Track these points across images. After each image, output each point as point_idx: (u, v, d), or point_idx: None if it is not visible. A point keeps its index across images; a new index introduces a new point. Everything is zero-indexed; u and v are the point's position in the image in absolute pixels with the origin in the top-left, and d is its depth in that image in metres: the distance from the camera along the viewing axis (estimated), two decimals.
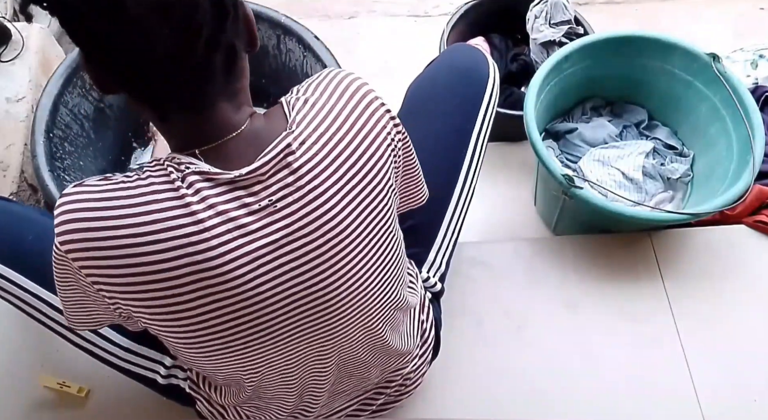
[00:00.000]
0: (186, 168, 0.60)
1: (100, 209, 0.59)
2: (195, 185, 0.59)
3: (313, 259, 0.64)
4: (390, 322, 0.78)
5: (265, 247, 0.62)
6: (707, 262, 1.20)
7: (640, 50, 1.30)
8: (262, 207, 0.61)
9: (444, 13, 1.86)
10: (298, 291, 0.65)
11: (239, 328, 0.65)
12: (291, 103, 0.64)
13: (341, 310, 0.69)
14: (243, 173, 0.60)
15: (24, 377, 1.08)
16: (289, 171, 0.61)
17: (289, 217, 0.62)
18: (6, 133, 1.37)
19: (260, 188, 0.61)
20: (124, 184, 0.60)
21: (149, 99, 0.59)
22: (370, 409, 0.94)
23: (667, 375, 1.08)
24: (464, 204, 0.96)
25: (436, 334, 0.97)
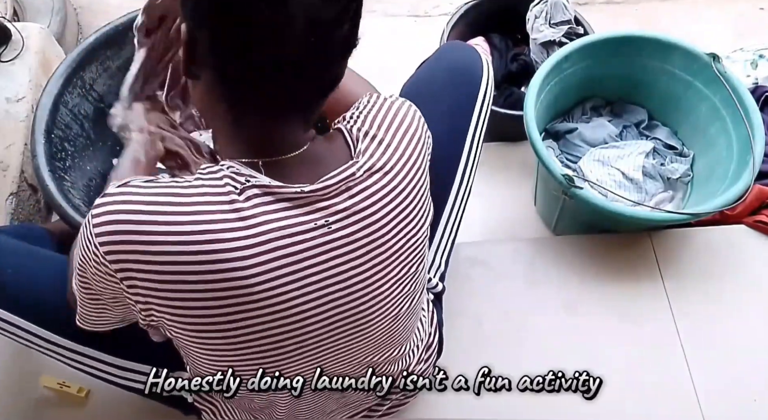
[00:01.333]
0: (246, 180, 0.59)
1: (148, 213, 0.57)
2: (253, 199, 0.59)
3: (356, 283, 0.65)
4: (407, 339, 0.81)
5: (314, 266, 0.62)
6: (707, 262, 1.20)
7: (640, 50, 1.30)
8: (317, 226, 0.61)
9: (444, 13, 1.85)
10: (338, 312, 0.66)
11: (275, 346, 0.66)
12: (353, 134, 0.66)
13: (372, 333, 0.71)
14: (306, 190, 0.60)
15: (24, 377, 1.08)
16: (348, 195, 0.62)
17: (341, 240, 0.63)
18: (6, 133, 1.37)
19: (318, 207, 0.61)
20: (175, 188, 0.59)
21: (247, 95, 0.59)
22: (377, 414, 0.95)
23: (667, 375, 1.08)
24: (461, 203, 0.96)
25: (439, 336, 0.97)
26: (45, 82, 1.25)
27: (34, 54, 1.46)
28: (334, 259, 0.63)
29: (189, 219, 0.57)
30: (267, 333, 0.64)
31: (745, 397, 1.06)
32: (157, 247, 0.57)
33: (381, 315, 0.70)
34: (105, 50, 1.29)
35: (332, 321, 0.67)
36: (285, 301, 0.62)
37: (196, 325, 0.62)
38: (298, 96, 0.60)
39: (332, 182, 0.61)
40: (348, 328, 0.69)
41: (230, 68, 0.57)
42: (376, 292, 0.67)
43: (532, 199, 1.42)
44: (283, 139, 0.62)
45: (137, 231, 0.57)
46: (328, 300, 0.65)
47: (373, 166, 0.64)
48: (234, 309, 0.61)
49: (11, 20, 1.52)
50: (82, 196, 1.20)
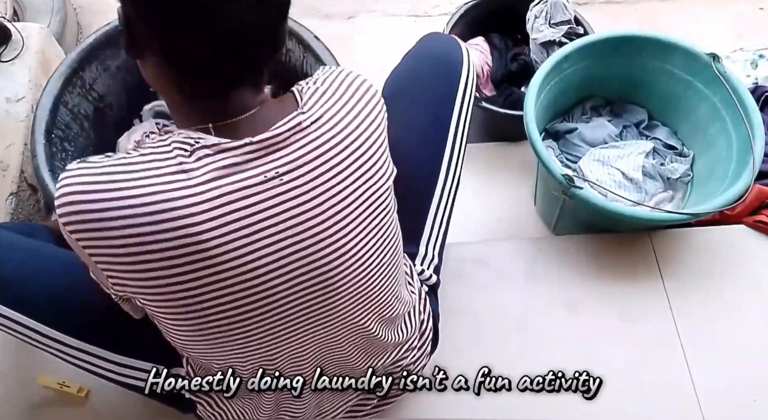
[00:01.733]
0: (196, 142, 0.61)
1: (98, 183, 0.59)
2: (203, 159, 0.60)
3: (314, 234, 0.65)
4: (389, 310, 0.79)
5: (268, 219, 0.63)
6: (707, 262, 1.20)
7: (640, 50, 1.30)
8: (268, 179, 0.62)
9: (444, 13, 1.86)
10: (298, 265, 0.66)
11: (235, 304, 0.65)
12: (302, 91, 0.67)
13: (341, 288, 0.70)
14: (254, 141, 0.61)
15: (24, 377, 1.08)
16: (298, 146, 0.63)
17: (295, 191, 0.63)
18: (6, 133, 1.37)
19: (268, 160, 0.62)
20: (125, 159, 0.61)
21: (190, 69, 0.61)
22: (372, 403, 0.94)
23: (667, 375, 1.08)
24: (450, 193, 0.95)
25: (434, 327, 0.96)
26: (45, 82, 1.25)
27: (34, 54, 1.46)
28: (288, 211, 0.63)
29: (138, 184, 0.59)
30: (224, 292, 0.64)
31: (745, 397, 1.06)
32: (110, 213, 0.59)
33: (346, 268, 0.69)
34: (105, 50, 1.30)
35: (294, 275, 0.66)
36: (241, 256, 0.62)
37: (158, 289, 0.63)
38: (239, 64, 0.62)
39: (279, 131, 0.62)
40: (313, 282, 0.67)
41: (168, 46, 0.59)
42: (338, 243, 0.67)
43: (532, 199, 1.43)
44: (231, 105, 0.63)
45: (90, 206, 0.59)
46: (287, 253, 0.64)
47: (322, 116, 0.65)
48: (192, 267, 0.61)
49: (11, 20, 1.52)
50: None
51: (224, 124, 0.63)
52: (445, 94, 0.93)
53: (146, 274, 0.62)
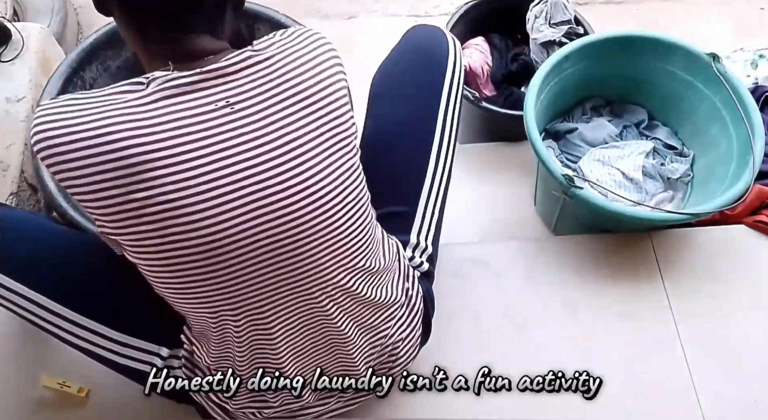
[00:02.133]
0: (152, 75, 0.64)
1: (61, 117, 0.62)
2: (156, 91, 0.63)
3: (271, 165, 0.65)
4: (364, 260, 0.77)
5: (218, 145, 0.64)
6: (707, 262, 1.20)
7: (640, 50, 1.30)
8: (218, 107, 0.64)
9: (444, 13, 1.86)
10: (256, 198, 0.66)
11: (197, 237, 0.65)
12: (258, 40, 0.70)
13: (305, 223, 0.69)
14: (203, 70, 0.63)
15: (24, 377, 1.08)
16: (249, 78, 0.65)
17: (245, 119, 0.65)
18: (6, 133, 1.37)
19: (219, 90, 0.64)
20: (88, 93, 0.64)
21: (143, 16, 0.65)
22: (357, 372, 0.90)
23: (667, 375, 1.08)
24: (440, 184, 0.94)
25: (425, 309, 0.94)
26: (45, 82, 1.25)
27: (34, 54, 1.46)
28: (239, 138, 0.64)
29: (97, 114, 0.62)
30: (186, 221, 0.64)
31: (745, 397, 1.06)
32: (73, 145, 0.61)
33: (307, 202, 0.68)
34: (105, 50, 1.30)
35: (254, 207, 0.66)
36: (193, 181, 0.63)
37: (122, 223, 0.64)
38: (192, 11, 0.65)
39: (229, 62, 0.65)
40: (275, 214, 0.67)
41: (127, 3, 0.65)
42: (298, 178, 0.67)
43: (532, 199, 1.43)
44: (188, 49, 0.66)
45: (55, 137, 0.61)
46: (243, 183, 0.65)
47: (275, 56, 0.67)
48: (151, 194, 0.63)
49: (11, 20, 1.52)
50: None
51: (182, 65, 0.65)
52: (430, 85, 0.92)
53: (106, 203, 0.63)
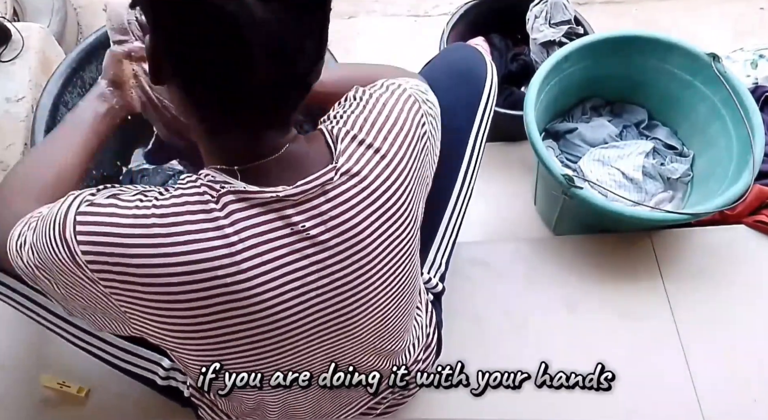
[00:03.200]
0: (221, 187, 0.59)
1: (131, 230, 0.58)
2: (228, 206, 0.59)
3: (338, 286, 0.65)
4: (399, 339, 0.80)
5: (293, 271, 0.62)
6: (707, 262, 1.20)
7: (640, 50, 1.30)
8: (293, 231, 0.61)
9: (444, 13, 1.86)
10: (321, 317, 0.66)
11: (258, 351, 0.66)
12: (333, 134, 0.64)
13: (359, 335, 0.71)
14: (281, 195, 0.60)
15: (24, 377, 1.08)
16: (325, 199, 0.62)
17: (319, 245, 0.62)
18: (6, 133, 1.37)
19: (294, 212, 0.61)
20: (157, 205, 0.59)
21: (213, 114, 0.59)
22: (374, 413, 0.94)
23: (667, 375, 1.08)
24: (463, 204, 0.96)
25: (438, 336, 0.97)
26: (45, 82, 1.25)
27: (34, 54, 1.46)
28: (312, 265, 0.63)
29: (170, 231, 0.58)
30: (249, 339, 0.64)
31: (745, 397, 1.06)
32: (140, 259, 0.58)
33: (366, 318, 0.70)
34: (105, 50, 1.29)
35: (314, 323, 0.67)
36: (267, 308, 0.62)
37: (182, 335, 0.63)
38: (266, 112, 0.59)
39: (309, 187, 0.60)
40: (332, 330, 0.69)
41: (195, 89, 0.57)
42: (358, 295, 0.67)
43: (532, 199, 1.43)
44: (257, 147, 0.61)
45: (122, 249, 0.58)
46: (308, 304, 0.65)
47: (351, 169, 0.63)
48: (219, 316, 0.62)
49: (11, 20, 1.52)
50: None
51: (249, 166, 0.60)
52: (466, 107, 0.93)
53: (171, 317, 0.61)
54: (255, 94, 0.56)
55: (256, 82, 0.54)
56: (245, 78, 0.54)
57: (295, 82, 0.58)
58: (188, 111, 0.61)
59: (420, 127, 0.69)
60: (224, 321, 0.62)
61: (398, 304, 0.74)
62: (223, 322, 0.62)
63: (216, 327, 0.63)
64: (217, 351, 0.66)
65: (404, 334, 0.82)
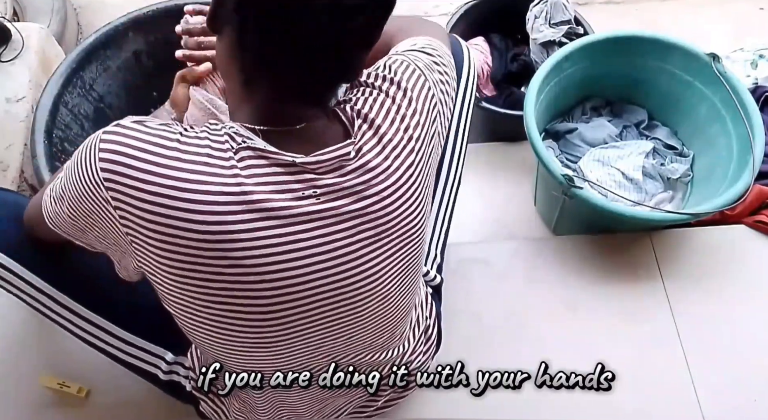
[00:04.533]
0: (243, 141, 0.60)
1: (152, 153, 0.59)
2: (246, 160, 0.60)
3: (344, 255, 0.65)
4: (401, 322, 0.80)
5: (300, 233, 0.63)
6: (707, 262, 1.20)
7: (640, 50, 1.30)
8: (305, 196, 0.62)
9: (444, 13, 1.85)
10: (323, 283, 0.66)
11: (253, 308, 0.65)
12: (349, 114, 0.66)
13: (362, 312, 0.71)
14: (298, 162, 0.61)
15: (24, 377, 1.08)
16: (339, 173, 0.63)
17: (329, 212, 0.63)
18: (6, 133, 1.37)
19: (308, 178, 0.62)
20: (182, 136, 0.60)
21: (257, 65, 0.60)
22: (375, 404, 0.94)
23: (667, 375, 1.08)
24: (451, 193, 0.96)
25: (438, 328, 0.97)
26: (45, 82, 1.25)
27: (34, 54, 1.46)
28: (320, 229, 0.63)
29: (187, 167, 0.59)
30: (248, 294, 0.64)
31: (745, 397, 1.06)
32: (153, 187, 0.58)
33: (371, 291, 0.69)
34: (105, 50, 1.30)
35: (319, 289, 0.66)
36: (268, 265, 0.62)
37: (178, 272, 0.63)
38: (306, 80, 0.61)
39: (325, 158, 0.62)
40: (336, 299, 0.68)
41: (247, 35, 0.59)
42: (365, 267, 0.67)
43: (532, 199, 1.42)
44: (285, 113, 0.63)
45: (138, 168, 0.58)
46: (314, 269, 0.65)
47: (365, 146, 0.65)
48: (219, 262, 0.61)
49: (11, 20, 1.52)
50: None
51: (272, 130, 0.62)
52: None
53: (175, 257, 0.61)
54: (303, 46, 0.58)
55: (310, 32, 0.57)
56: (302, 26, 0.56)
57: (343, 51, 0.60)
58: (233, 58, 0.62)
59: (431, 110, 0.71)
60: (222, 271, 0.62)
61: (402, 285, 0.73)
62: (222, 271, 0.62)
63: (213, 276, 0.62)
64: (214, 306, 0.65)
65: (406, 318, 0.81)
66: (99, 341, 0.89)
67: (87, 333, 0.88)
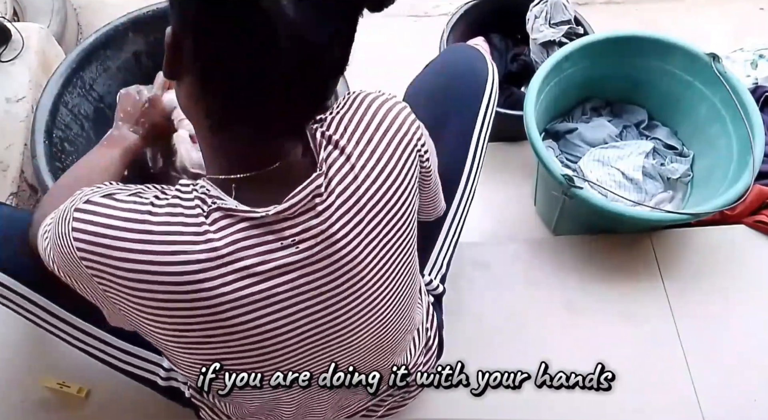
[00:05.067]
0: (213, 202, 0.59)
1: (125, 231, 0.58)
2: (219, 222, 0.59)
3: (329, 298, 0.65)
4: (398, 344, 0.80)
5: (284, 285, 0.62)
6: (707, 262, 1.20)
7: (640, 50, 1.30)
8: (284, 246, 0.61)
9: (444, 13, 1.86)
10: (313, 328, 0.66)
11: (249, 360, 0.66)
12: (317, 140, 0.63)
13: (356, 342, 0.71)
14: (270, 213, 0.59)
15: (24, 377, 1.08)
16: (314, 213, 0.61)
17: (309, 259, 0.62)
18: (6, 133, 1.37)
19: (284, 227, 0.60)
20: (152, 211, 0.59)
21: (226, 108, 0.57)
22: (375, 414, 0.94)
23: (667, 375, 1.08)
24: (465, 205, 0.96)
25: (439, 339, 0.97)
26: (45, 82, 1.25)
27: (34, 54, 1.46)
28: (303, 278, 0.62)
29: (158, 239, 0.58)
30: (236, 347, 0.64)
31: (745, 397, 1.06)
32: (129, 264, 0.58)
33: (361, 325, 0.69)
34: (105, 50, 1.29)
35: (306, 335, 0.66)
36: (253, 318, 0.62)
37: (171, 335, 0.63)
38: (280, 114, 0.58)
39: (296, 201, 0.59)
40: (325, 341, 0.68)
41: (211, 80, 0.56)
42: (351, 304, 0.66)
43: (532, 199, 1.42)
44: (257, 155, 0.60)
45: (112, 246, 0.58)
46: (300, 318, 0.64)
47: (335, 180, 0.62)
48: (204, 326, 0.61)
49: (11, 20, 1.52)
50: None
51: (248, 177, 0.60)
52: (467, 109, 0.92)
53: (155, 315, 0.61)
54: (272, 87, 0.54)
55: (277, 72, 0.53)
56: (268, 67, 0.53)
57: (314, 85, 0.57)
58: (198, 105, 0.59)
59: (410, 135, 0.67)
60: (211, 332, 0.62)
61: (396, 308, 0.73)
62: (210, 332, 0.62)
63: (203, 337, 0.62)
64: (209, 357, 0.66)
65: (406, 335, 0.82)
66: (96, 351, 0.90)
67: (83, 343, 0.89)
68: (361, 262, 0.64)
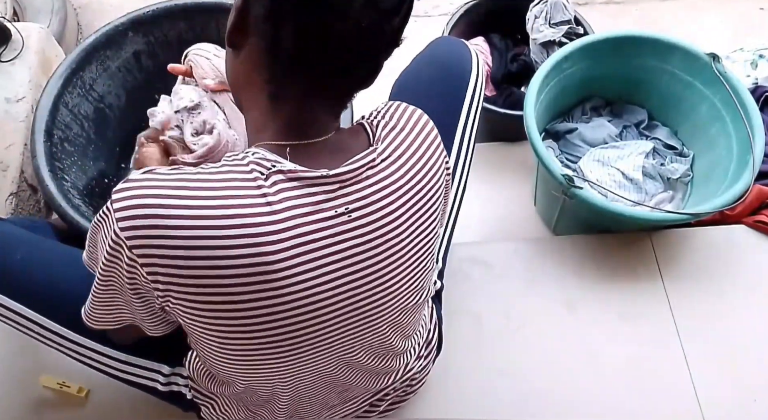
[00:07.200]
0: (272, 165, 0.59)
1: (175, 197, 0.56)
2: (278, 184, 0.59)
3: (372, 272, 0.65)
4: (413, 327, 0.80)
5: (332, 255, 0.62)
6: (707, 262, 1.20)
7: (640, 50, 1.30)
8: (338, 213, 0.61)
9: (444, 13, 1.86)
10: (352, 301, 0.66)
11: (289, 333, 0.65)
12: (373, 124, 0.67)
13: (382, 321, 0.71)
14: (329, 174, 0.60)
15: (24, 377, 1.08)
16: (368, 183, 0.63)
17: (360, 229, 0.63)
18: (6, 133, 1.37)
19: (340, 194, 0.61)
20: (202, 174, 0.58)
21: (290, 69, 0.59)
22: (378, 410, 0.94)
23: (667, 375, 1.08)
24: (457, 201, 0.96)
25: (438, 333, 0.97)
26: (45, 82, 1.25)
27: (34, 54, 1.46)
28: (351, 248, 0.63)
29: (217, 203, 0.56)
30: (283, 319, 0.63)
31: (745, 397, 1.06)
32: (184, 231, 0.56)
33: (391, 306, 0.70)
34: (105, 50, 1.29)
35: (346, 310, 0.66)
36: (304, 288, 0.62)
37: (214, 312, 0.61)
38: (336, 80, 0.61)
39: (354, 167, 0.62)
40: (359, 318, 0.68)
41: (281, 42, 0.57)
42: (389, 283, 0.68)
43: (532, 199, 1.43)
44: (312, 123, 0.62)
45: (164, 216, 0.55)
46: (343, 289, 0.64)
47: (392, 154, 0.65)
48: (255, 295, 0.60)
49: (11, 20, 1.52)
50: (82, 196, 1.20)
51: (300, 144, 0.61)
52: (452, 101, 0.92)
53: (206, 292, 0.59)
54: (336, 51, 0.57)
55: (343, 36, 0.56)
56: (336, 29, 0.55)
57: (370, 55, 0.60)
58: (258, 70, 0.61)
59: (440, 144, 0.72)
60: (260, 304, 0.61)
61: (419, 296, 0.74)
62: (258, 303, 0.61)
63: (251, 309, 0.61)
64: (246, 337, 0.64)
65: (415, 325, 0.82)
66: (93, 362, 0.89)
67: (80, 355, 0.88)
68: (403, 240, 0.66)
